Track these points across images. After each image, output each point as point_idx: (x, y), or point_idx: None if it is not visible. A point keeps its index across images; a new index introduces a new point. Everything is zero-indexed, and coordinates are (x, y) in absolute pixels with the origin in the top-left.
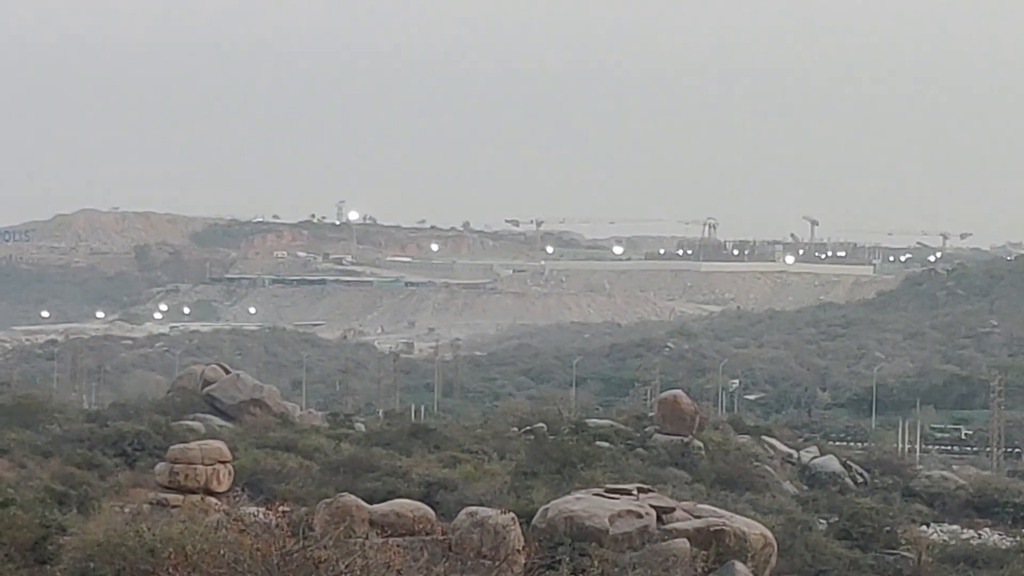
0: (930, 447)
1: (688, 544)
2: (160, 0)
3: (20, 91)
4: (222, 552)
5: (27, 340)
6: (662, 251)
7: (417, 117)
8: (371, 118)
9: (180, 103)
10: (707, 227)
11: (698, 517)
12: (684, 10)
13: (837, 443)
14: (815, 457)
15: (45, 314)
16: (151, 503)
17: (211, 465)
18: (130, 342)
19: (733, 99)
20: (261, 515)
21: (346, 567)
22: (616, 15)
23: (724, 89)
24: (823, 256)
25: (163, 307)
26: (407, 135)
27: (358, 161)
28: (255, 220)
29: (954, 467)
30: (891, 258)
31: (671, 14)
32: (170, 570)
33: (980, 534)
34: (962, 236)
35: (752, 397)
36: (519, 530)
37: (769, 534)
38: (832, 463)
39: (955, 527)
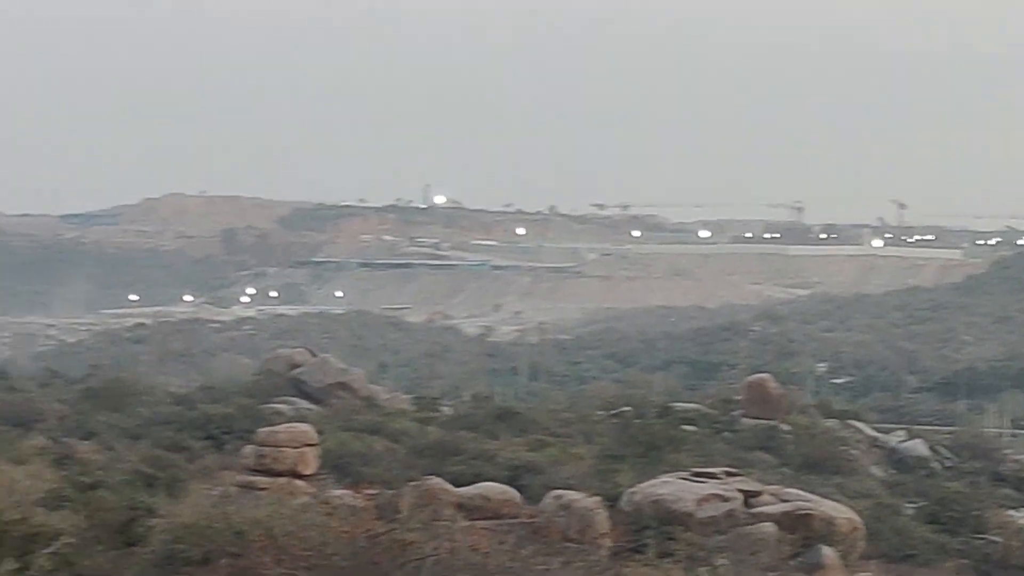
0: (1018, 431)
1: (775, 528)
2: None
3: (111, 74)
4: (309, 535)
5: (115, 323)
6: (748, 234)
7: (503, 100)
8: (457, 101)
9: (266, 87)
10: (794, 210)
11: (785, 501)
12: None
13: (924, 427)
14: (902, 441)
15: (133, 297)
16: (238, 486)
17: (298, 448)
18: (217, 325)
19: (819, 80)
20: (348, 498)
21: (432, 550)
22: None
23: (813, 71)
24: (911, 239)
25: (250, 290)
26: (493, 118)
27: (444, 145)
28: (341, 204)
29: None
30: (980, 241)
31: None
32: (257, 552)
33: None
34: None
35: (839, 381)
36: (605, 513)
37: (856, 518)
38: (919, 447)
39: None
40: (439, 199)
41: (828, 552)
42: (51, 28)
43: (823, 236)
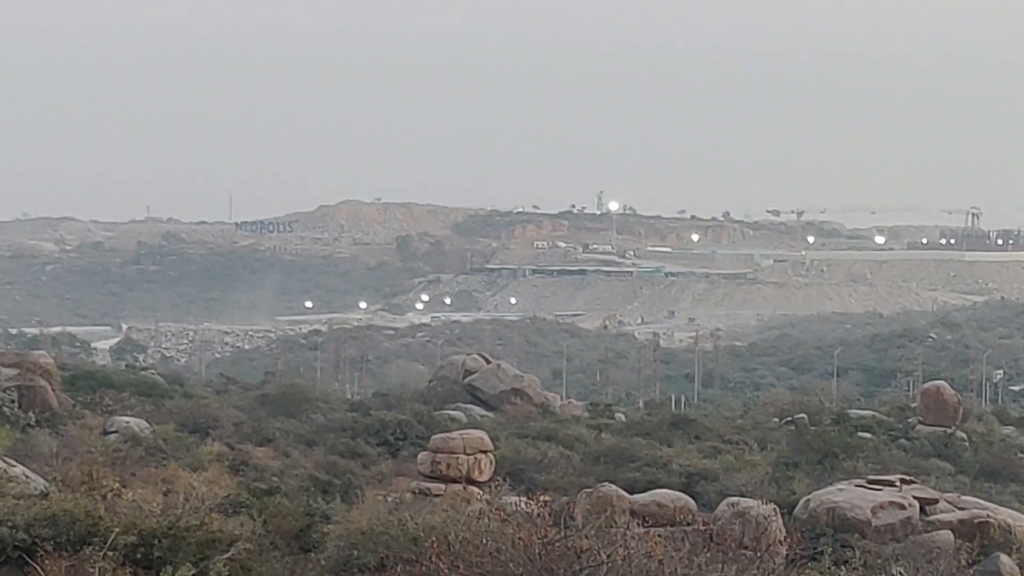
0: None
1: (952, 536)
2: None
3: (284, 84)
4: (484, 541)
5: (291, 330)
6: (924, 240)
7: (677, 107)
8: (631, 108)
9: (432, 92)
10: (971, 216)
11: (962, 509)
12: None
13: None
14: None
15: (309, 304)
16: (413, 492)
17: (473, 454)
18: (392, 332)
19: (996, 85)
20: (523, 504)
21: (607, 556)
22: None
23: (987, 75)
24: None
25: (424, 297)
26: (667, 125)
27: (618, 151)
28: (515, 211)
29: None
30: None
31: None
32: (433, 559)
33: None
34: None
35: (1016, 388)
36: (780, 521)
37: None
38: None
39: None
40: (613, 205)
41: (1006, 560)
42: (202, 41)
43: (1000, 242)
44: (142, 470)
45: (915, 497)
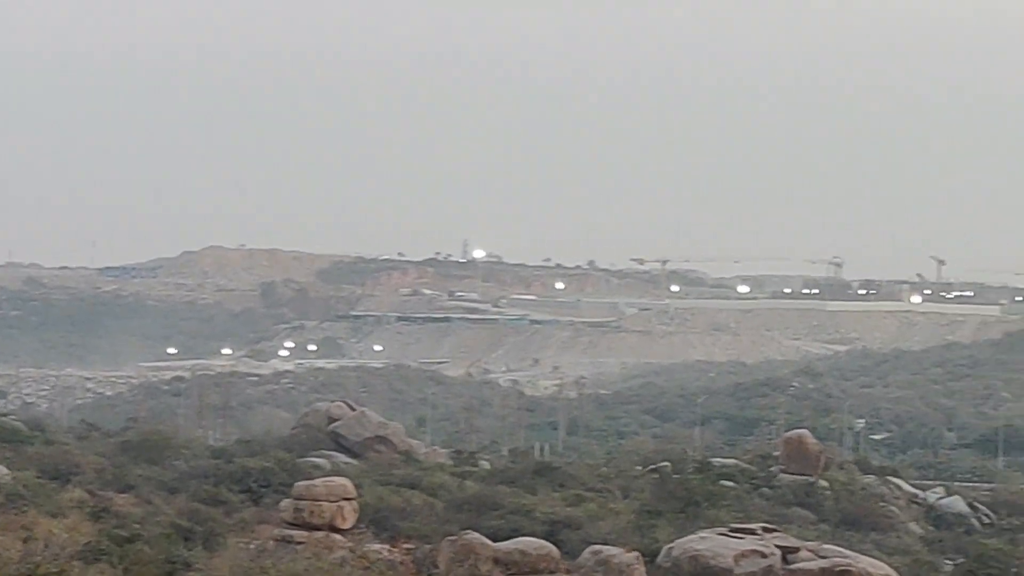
0: None
1: None
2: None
3: (148, 130)
4: None
5: (154, 376)
6: (787, 290)
7: (542, 156)
8: (496, 156)
9: (305, 143)
10: (833, 266)
11: (823, 557)
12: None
13: (963, 484)
14: (941, 498)
15: (172, 350)
16: (276, 540)
17: (336, 502)
18: (256, 379)
19: (859, 139)
20: (386, 552)
21: None
22: (741, 46)
23: (849, 128)
24: (950, 296)
25: (289, 344)
26: (532, 173)
27: (483, 199)
28: (381, 258)
29: None
30: (1019, 298)
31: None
32: None
33: None
34: None
35: (878, 437)
36: (643, 569)
37: (894, 575)
38: (958, 504)
39: None
40: (478, 253)
41: None
42: (90, 79)
43: (862, 292)
44: (1, 517)
45: (777, 545)
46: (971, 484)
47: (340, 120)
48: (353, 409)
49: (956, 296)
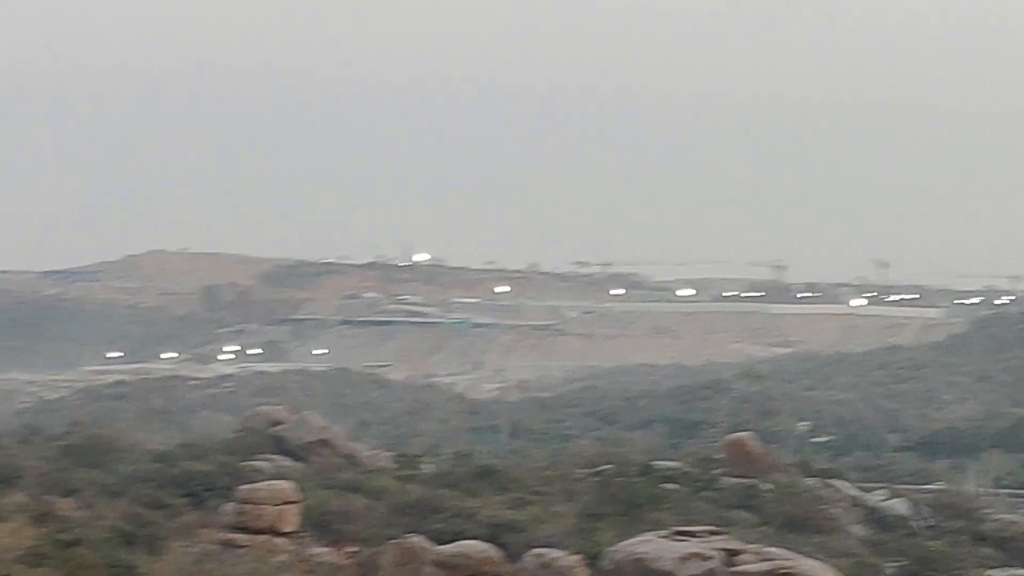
0: (999, 491)
1: None
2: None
3: (91, 135)
4: None
5: (96, 380)
6: (730, 293)
7: (484, 159)
8: (438, 160)
9: (247, 143)
10: (775, 269)
11: (766, 560)
12: (763, 54)
13: (906, 486)
14: (883, 500)
15: (114, 354)
16: (219, 543)
17: (278, 505)
18: (198, 382)
19: (801, 141)
20: (328, 555)
21: None
22: (685, 57)
23: (790, 130)
24: (892, 298)
25: (231, 347)
26: (474, 177)
27: (426, 203)
28: (323, 261)
29: (1022, 511)
30: (960, 300)
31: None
32: None
33: None
34: None
35: (820, 440)
36: (586, 572)
37: None
38: (900, 506)
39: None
40: (420, 257)
41: None
42: (31, 85)
43: (804, 295)
44: None
45: (720, 548)
46: (914, 486)
47: (283, 125)
48: (295, 413)
49: (898, 299)
